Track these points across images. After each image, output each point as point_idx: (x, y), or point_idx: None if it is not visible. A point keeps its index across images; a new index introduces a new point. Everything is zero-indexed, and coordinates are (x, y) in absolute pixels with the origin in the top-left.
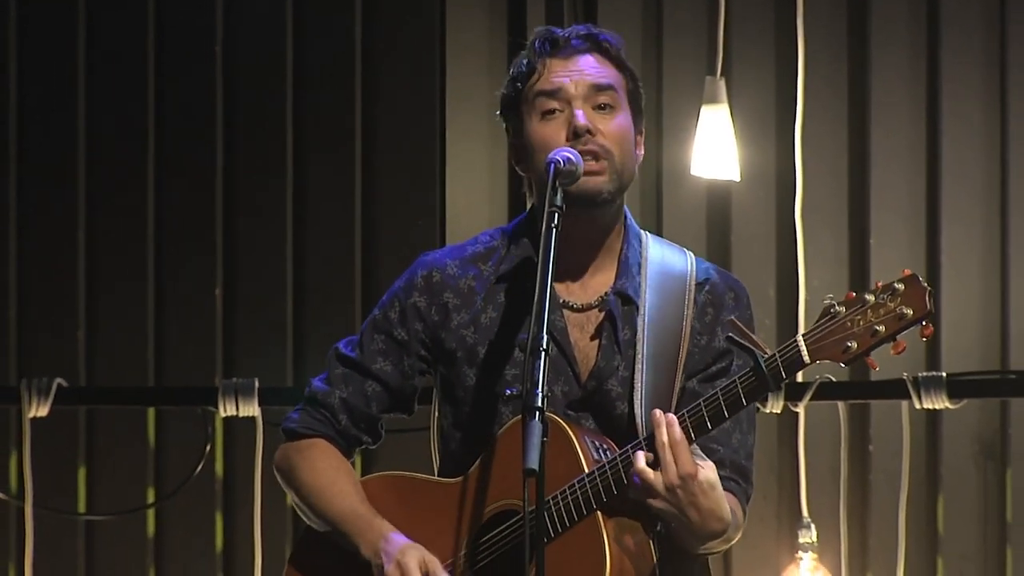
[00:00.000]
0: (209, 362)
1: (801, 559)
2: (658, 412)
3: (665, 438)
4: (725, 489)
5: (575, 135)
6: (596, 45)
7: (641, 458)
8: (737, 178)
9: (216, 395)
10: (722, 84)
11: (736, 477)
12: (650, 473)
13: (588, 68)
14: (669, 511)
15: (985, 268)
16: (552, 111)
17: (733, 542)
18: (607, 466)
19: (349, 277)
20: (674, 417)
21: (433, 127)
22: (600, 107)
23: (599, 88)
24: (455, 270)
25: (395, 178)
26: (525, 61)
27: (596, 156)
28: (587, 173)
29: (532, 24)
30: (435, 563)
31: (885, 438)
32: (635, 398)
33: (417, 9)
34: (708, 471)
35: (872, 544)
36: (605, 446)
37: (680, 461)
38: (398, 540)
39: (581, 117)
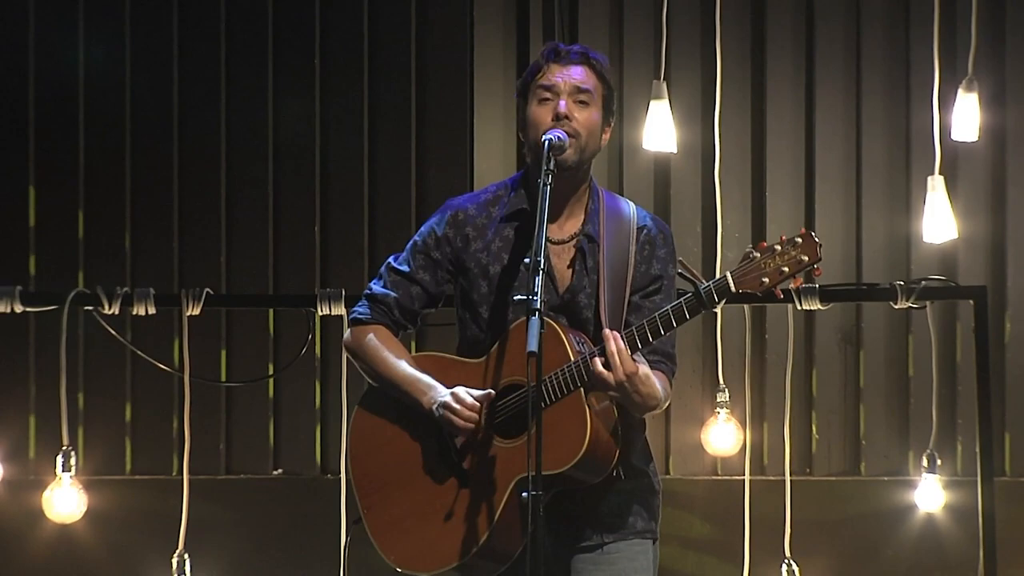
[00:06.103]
0: (311, 277)
1: (718, 413)
2: (607, 331)
3: (613, 348)
4: (657, 369)
5: (556, 118)
6: (586, 60)
7: (598, 363)
8: (675, 151)
9: (316, 300)
10: (664, 85)
11: (665, 360)
12: (605, 373)
13: (576, 74)
14: (621, 398)
15: (845, 212)
16: (546, 99)
17: (666, 404)
18: (581, 359)
19: (407, 218)
20: (617, 333)
21: (464, 111)
22: (579, 102)
23: (580, 89)
24: (473, 211)
25: (438, 146)
26: (536, 62)
27: (568, 135)
28: None
29: (534, 40)
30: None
31: (776, 329)
32: (600, 309)
33: (452, 28)
34: (645, 367)
35: (767, 403)
36: (584, 340)
37: (625, 364)
38: (449, 391)
39: (562, 106)
